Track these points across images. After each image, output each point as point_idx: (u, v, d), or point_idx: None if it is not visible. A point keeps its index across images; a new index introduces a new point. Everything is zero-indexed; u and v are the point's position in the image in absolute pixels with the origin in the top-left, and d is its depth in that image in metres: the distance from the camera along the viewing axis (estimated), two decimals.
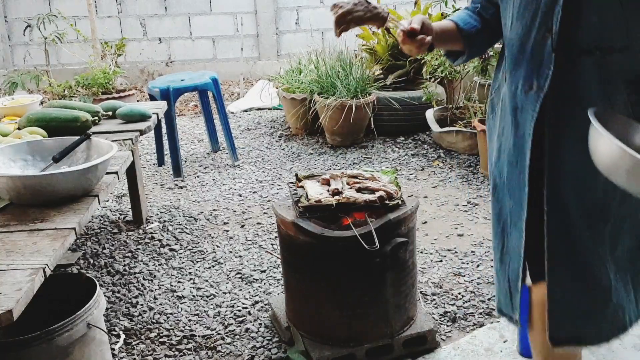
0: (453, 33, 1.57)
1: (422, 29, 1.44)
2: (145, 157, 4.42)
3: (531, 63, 1.36)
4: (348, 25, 1.49)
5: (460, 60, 1.66)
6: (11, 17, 6.51)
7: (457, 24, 1.58)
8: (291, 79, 4.73)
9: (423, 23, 1.45)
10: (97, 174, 1.93)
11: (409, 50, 1.48)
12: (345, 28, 1.49)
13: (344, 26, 1.49)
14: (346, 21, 1.47)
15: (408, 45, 1.46)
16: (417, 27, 1.43)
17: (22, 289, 1.37)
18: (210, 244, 3.03)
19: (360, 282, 2.00)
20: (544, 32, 1.32)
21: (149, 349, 2.23)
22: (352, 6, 1.48)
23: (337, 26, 1.48)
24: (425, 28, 1.46)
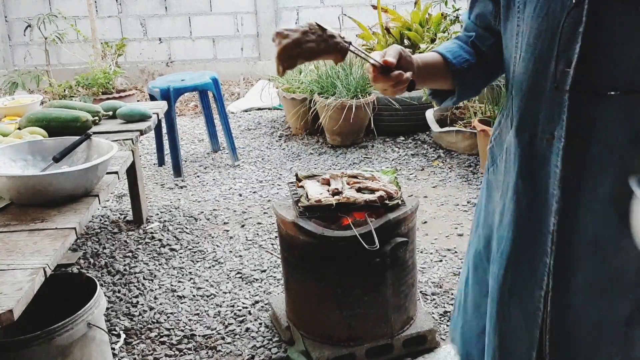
0: (440, 68, 1.27)
1: (399, 62, 1.14)
2: (146, 157, 4.42)
3: (547, 105, 1.10)
4: (294, 61, 1.15)
5: (448, 102, 1.33)
6: (11, 17, 6.51)
7: (444, 57, 1.27)
8: (291, 79, 4.74)
9: (400, 55, 1.16)
10: (97, 173, 1.93)
11: (383, 90, 1.18)
12: (290, 64, 1.16)
13: (288, 62, 1.16)
14: (293, 55, 1.15)
15: (381, 83, 1.15)
16: (392, 61, 1.13)
17: (22, 289, 1.37)
18: (211, 243, 3.03)
19: (360, 282, 2.00)
20: (563, 66, 1.06)
21: (149, 349, 2.23)
22: (300, 35, 1.14)
23: (280, 61, 1.15)
24: (404, 61, 1.16)
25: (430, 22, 4.77)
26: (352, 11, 6.22)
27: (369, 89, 4.39)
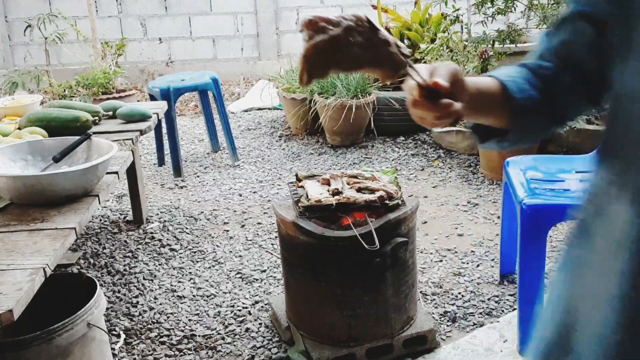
0: (496, 100, 0.94)
1: (451, 86, 0.84)
2: (146, 157, 4.42)
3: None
4: (327, 69, 0.85)
5: (494, 144, 1.01)
6: (11, 17, 6.51)
7: (506, 87, 0.94)
8: (291, 79, 4.73)
9: (455, 77, 0.85)
10: (97, 174, 1.93)
11: (421, 119, 0.87)
12: (319, 73, 0.85)
13: (318, 69, 0.85)
14: (326, 60, 0.84)
15: (423, 110, 0.84)
16: (444, 85, 0.82)
17: (22, 289, 1.37)
18: (211, 243, 3.03)
19: (360, 282, 2.00)
20: None
21: (149, 349, 2.23)
22: (341, 32, 0.83)
23: (307, 66, 0.84)
24: (457, 86, 0.86)
25: (431, 22, 4.77)
26: (352, 11, 6.21)
27: (369, 88, 4.39)
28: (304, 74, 0.85)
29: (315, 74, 0.85)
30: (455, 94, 0.85)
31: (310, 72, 0.84)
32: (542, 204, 2.01)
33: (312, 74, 0.84)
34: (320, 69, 0.84)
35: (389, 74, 0.86)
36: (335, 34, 0.82)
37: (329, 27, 0.83)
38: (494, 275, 2.59)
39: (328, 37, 0.82)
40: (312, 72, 0.84)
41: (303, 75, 0.85)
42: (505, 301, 2.40)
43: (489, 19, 3.90)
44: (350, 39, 0.83)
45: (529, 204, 1.99)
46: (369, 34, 0.85)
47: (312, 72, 0.84)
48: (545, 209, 2.01)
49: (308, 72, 0.84)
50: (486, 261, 2.72)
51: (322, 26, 0.83)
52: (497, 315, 2.31)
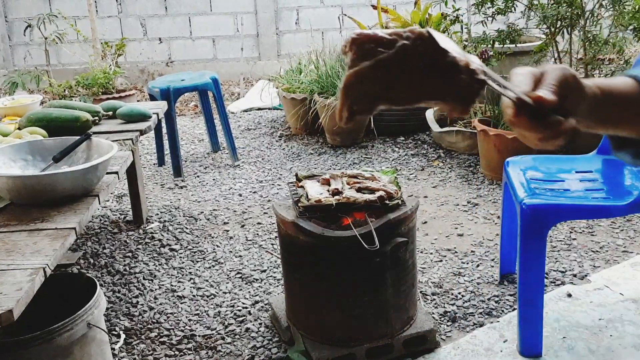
0: (633, 104, 0.77)
1: (562, 99, 0.67)
2: (146, 157, 4.42)
3: None
4: (375, 103, 0.69)
5: (632, 157, 0.85)
6: (11, 17, 6.51)
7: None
8: (291, 79, 4.73)
9: (566, 85, 0.69)
10: (97, 174, 1.93)
11: (524, 136, 0.70)
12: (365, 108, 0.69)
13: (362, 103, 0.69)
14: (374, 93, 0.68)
15: (526, 130, 0.68)
16: (550, 100, 0.66)
17: (22, 289, 1.37)
18: (211, 243, 3.03)
19: (360, 282, 2.00)
20: None
21: (149, 349, 2.23)
22: (395, 55, 0.67)
23: (347, 99, 0.69)
24: (571, 97, 0.69)
25: (431, 22, 4.77)
26: (352, 11, 6.22)
27: None
28: (343, 109, 0.67)
29: (359, 109, 0.67)
30: (568, 107, 0.67)
31: (352, 107, 0.66)
32: (542, 203, 2.01)
33: (355, 109, 0.66)
34: (365, 104, 0.66)
35: (460, 108, 0.68)
36: (385, 58, 0.65)
37: (378, 49, 0.65)
38: (494, 275, 2.59)
39: (375, 62, 0.65)
40: (355, 108, 0.66)
41: (343, 111, 0.67)
42: (505, 301, 2.40)
43: (489, 19, 3.90)
44: (406, 64, 0.65)
45: (529, 204, 1.99)
46: (432, 56, 0.66)
47: (355, 108, 0.66)
48: (546, 209, 2.00)
49: (349, 108, 0.66)
50: (486, 261, 2.72)
51: (369, 47, 0.65)
52: (497, 315, 2.31)
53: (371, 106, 0.69)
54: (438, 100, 0.70)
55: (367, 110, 0.69)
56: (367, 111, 0.69)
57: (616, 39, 3.73)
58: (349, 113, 0.69)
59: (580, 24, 3.77)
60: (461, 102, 0.69)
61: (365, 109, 0.69)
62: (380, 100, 0.69)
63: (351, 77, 0.67)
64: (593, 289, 2.44)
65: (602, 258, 2.70)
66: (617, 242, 2.82)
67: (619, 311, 2.28)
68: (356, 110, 0.69)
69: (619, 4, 3.63)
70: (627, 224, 2.99)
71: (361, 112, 0.69)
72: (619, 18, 3.67)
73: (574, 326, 2.20)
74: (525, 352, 2.06)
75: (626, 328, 2.18)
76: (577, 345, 2.09)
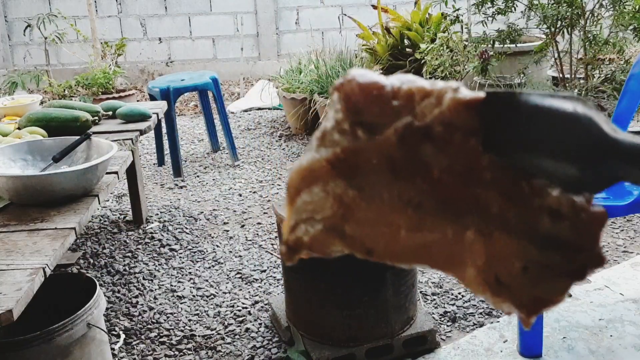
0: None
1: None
2: (145, 157, 4.42)
3: None
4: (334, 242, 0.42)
5: None
6: (11, 17, 6.50)
7: None
8: (291, 79, 4.73)
9: None
10: (97, 173, 1.93)
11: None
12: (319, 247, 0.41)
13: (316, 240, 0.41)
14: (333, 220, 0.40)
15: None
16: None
17: (22, 289, 1.37)
18: (210, 243, 3.03)
19: (360, 282, 2.00)
20: None
21: (149, 349, 2.23)
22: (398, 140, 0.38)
23: (293, 220, 0.41)
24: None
25: (431, 22, 4.77)
26: (352, 11, 6.22)
27: None
28: (289, 232, 0.41)
29: (310, 243, 0.41)
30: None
31: (299, 234, 0.41)
32: None
33: (303, 241, 0.41)
34: (321, 235, 0.40)
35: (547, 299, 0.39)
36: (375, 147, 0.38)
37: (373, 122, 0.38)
38: None
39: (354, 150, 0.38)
40: (304, 237, 0.41)
41: (289, 235, 0.41)
42: None
43: (489, 19, 3.90)
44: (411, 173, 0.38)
45: None
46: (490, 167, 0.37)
47: (304, 237, 0.41)
48: None
49: (295, 232, 0.41)
50: None
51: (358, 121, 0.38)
52: (497, 316, 2.31)
53: (326, 245, 0.40)
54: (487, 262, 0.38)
55: (321, 250, 0.41)
56: (321, 251, 0.41)
57: (616, 39, 3.72)
58: (293, 245, 0.41)
59: (581, 23, 3.77)
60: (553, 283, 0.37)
61: (318, 248, 0.40)
62: (340, 239, 0.40)
63: (303, 176, 0.39)
64: (593, 289, 2.44)
65: None
66: (618, 242, 2.82)
67: (619, 311, 2.28)
68: (303, 244, 0.41)
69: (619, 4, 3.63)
70: (627, 224, 2.99)
71: (311, 249, 0.41)
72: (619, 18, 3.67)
73: (574, 326, 2.20)
74: (525, 352, 2.05)
75: (626, 328, 2.17)
76: (577, 346, 2.09)
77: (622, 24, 3.68)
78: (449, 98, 0.37)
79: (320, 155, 0.39)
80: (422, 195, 0.37)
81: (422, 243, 0.39)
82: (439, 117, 0.36)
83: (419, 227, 0.38)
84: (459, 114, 0.36)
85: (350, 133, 0.38)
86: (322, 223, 0.39)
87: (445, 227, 0.38)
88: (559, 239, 0.36)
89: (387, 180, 0.38)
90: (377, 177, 0.38)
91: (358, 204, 0.38)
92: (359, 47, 5.06)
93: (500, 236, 0.37)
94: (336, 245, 0.41)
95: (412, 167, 0.37)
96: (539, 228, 0.36)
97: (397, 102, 0.38)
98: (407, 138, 0.37)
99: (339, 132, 0.39)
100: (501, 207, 0.37)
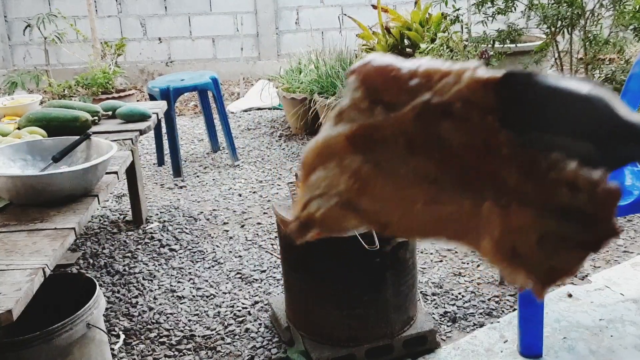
0: None
1: None
2: (145, 157, 4.42)
3: None
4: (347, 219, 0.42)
5: None
6: (11, 16, 6.50)
7: None
8: (291, 79, 4.73)
9: None
10: (96, 173, 1.93)
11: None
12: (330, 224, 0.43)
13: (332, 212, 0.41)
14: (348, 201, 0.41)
15: None
16: None
17: (21, 289, 1.37)
18: (210, 244, 3.03)
19: (360, 282, 2.00)
20: None
21: (148, 349, 2.23)
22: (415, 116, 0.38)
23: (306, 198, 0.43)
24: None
25: (431, 21, 4.76)
26: (352, 11, 6.21)
27: None
28: (301, 209, 0.42)
29: (320, 220, 0.41)
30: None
31: (311, 210, 0.41)
32: None
33: (315, 217, 0.41)
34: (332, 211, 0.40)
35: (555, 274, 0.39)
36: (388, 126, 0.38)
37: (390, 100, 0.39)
38: (495, 276, 2.58)
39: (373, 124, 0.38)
40: (316, 213, 0.41)
41: (301, 212, 0.42)
42: (505, 301, 2.39)
43: (489, 18, 3.90)
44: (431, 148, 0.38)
45: None
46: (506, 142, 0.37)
47: (316, 213, 0.41)
48: None
49: (308, 208, 0.41)
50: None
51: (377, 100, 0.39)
52: (498, 316, 2.31)
53: (338, 221, 0.40)
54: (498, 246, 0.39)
55: (332, 226, 0.41)
56: (332, 228, 0.41)
57: (617, 38, 3.72)
58: (305, 220, 0.42)
59: (581, 23, 3.77)
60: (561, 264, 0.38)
61: (330, 224, 0.40)
62: (353, 214, 0.40)
63: (319, 149, 0.40)
64: (594, 289, 2.44)
65: (602, 258, 2.69)
66: (618, 242, 2.82)
67: (620, 311, 2.27)
68: (312, 221, 0.41)
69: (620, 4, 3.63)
70: (628, 224, 2.99)
71: (321, 226, 0.41)
72: (619, 18, 3.67)
73: (574, 326, 2.19)
74: (526, 353, 2.05)
75: (627, 328, 2.17)
76: (578, 346, 2.09)
77: (622, 23, 3.67)
78: (467, 76, 0.38)
79: (337, 132, 0.40)
80: (439, 170, 0.39)
81: (438, 216, 0.40)
82: (458, 94, 0.38)
83: (435, 200, 0.39)
84: (477, 92, 0.38)
85: (368, 110, 0.39)
86: (336, 198, 0.40)
87: (461, 201, 0.39)
88: (575, 210, 0.37)
89: (404, 156, 0.39)
90: (394, 153, 0.39)
91: (374, 179, 0.39)
92: (359, 47, 5.06)
93: (518, 208, 0.38)
94: (350, 220, 0.41)
95: (429, 143, 0.38)
96: (556, 200, 0.38)
97: (416, 81, 0.39)
98: (425, 114, 0.38)
99: (357, 110, 0.40)
100: (518, 180, 0.38)
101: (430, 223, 0.41)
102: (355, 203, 0.40)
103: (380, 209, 0.40)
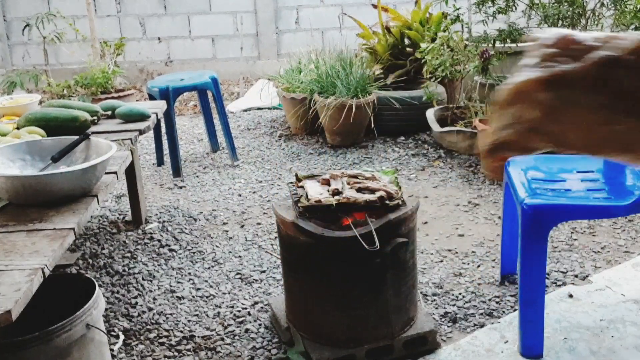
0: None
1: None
2: (145, 157, 4.41)
3: None
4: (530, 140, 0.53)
5: None
6: (10, 16, 6.49)
7: None
8: (291, 79, 4.72)
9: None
10: (96, 174, 1.92)
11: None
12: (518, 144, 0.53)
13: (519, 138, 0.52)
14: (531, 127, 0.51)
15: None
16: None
17: (20, 290, 1.36)
18: (210, 244, 3.02)
19: (360, 282, 1.99)
20: None
21: (148, 350, 2.22)
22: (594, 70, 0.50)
23: (499, 127, 0.52)
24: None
25: (431, 21, 4.76)
26: (352, 10, 6.21)
27: (369, 88, 4.38)
28: (494, 135, 0.49)
29: (508, 143, 0.50)
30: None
31: (501, 137, 0.49)
32: (543, 204, 2.00)
33: (504, 141, 0.50)
34: (520, 136, 0.50)
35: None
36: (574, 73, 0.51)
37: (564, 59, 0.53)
38: (495, 276, 2.58)
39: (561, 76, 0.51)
40: (506, 139, 0.50)
41: (493, 138, 0.50)
42: (506, 302, 2.39)
43: (489, 18, 3.90)
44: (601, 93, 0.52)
45: (530, 204, 1.98)
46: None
47: (506, 139, 0.50)
48: (547, 209, 2.00)
49: (497, 136, 0.49)
50: (487, 262, 2.71)
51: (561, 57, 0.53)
52: (498, 316, 2.30)
53: (526, 142, 0.51)
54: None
55: (521, 146, 0.51)
56: (520, 148, 0.52)
57: None
58: (497, 144, 0.50)
59: (582, 23, 3.76)
60: None
61: (519, 145, 0.50)
62: (539, 136, 0.52)
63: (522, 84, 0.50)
64: (594, 289, 2.43)
65: (603, 258, 2.69)
66: (619, 243, 2.82)
67: (621, 312, 2.27)
68: (504, 144, 0.50)
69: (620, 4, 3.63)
70: (629, 224, 2.99)
71: (510, 149, 0.52)
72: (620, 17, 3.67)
73: (575, 327, 2.19)
74: (526, 353, 2.05)
75: (628, 329, 2.17)
76: (579, 346, 2.08)
77: (623, 23, 3.67)
78: (636, 38, 0.53)
79: (528, 77, 0.54)
80: (613, 100, 0.52)
81: (610, 134, 0.53)
82: (630, 49, 0.52)
83: (607, 122, 0.53)
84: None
85: (556, 62, 0.54)
86: (527, 124, 0.53)
87: (631, 122, 0.52)
88: None
89: (585, 91, 0.52)
90: (579, 89, 0.53)
91: (559, 109, 0.53)
92: (359, 47, 5.05)
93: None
94: (535, 141, 0.54)
95: (606, 82, 0.52)
96: None
97: (591, 42, 0.53)
98: (604, 63, 0.52)
99: (547, 62, 0.54)
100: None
101: (602, 139, 0.54)
102: (542, 128, 0.54)
103: (562, 131, 0.54)
